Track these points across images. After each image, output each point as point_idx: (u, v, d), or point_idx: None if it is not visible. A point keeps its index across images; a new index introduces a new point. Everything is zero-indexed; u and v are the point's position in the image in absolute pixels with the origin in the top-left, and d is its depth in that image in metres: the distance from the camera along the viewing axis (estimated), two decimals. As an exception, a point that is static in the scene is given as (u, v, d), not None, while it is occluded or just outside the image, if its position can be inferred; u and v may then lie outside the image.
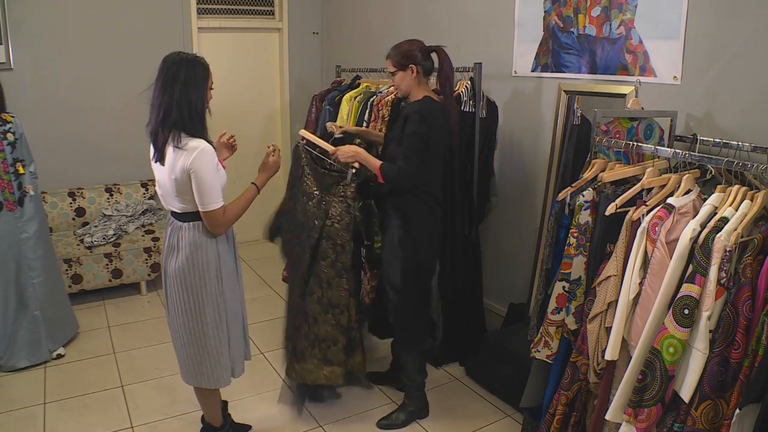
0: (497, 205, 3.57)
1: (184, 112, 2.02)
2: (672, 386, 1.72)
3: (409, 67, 2.47)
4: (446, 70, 2.51)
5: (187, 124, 2.03)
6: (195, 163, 2.00)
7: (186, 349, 2.25)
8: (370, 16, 4.64)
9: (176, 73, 2.02)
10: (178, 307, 2.20)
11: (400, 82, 2.52)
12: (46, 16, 4.09)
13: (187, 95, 2.02)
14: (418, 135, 2.41)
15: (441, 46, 2.52)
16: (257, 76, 5.18)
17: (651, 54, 2.65)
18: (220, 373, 2.28)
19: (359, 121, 3.70)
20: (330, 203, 2.53)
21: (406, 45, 2.51)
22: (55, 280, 3.34)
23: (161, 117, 2.03)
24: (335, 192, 2.56)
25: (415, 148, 2.41)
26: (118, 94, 4.34)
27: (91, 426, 2.69)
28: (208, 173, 2.03)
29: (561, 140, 3.04)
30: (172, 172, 2.05)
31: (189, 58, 2.07)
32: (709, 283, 1.66)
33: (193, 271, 2.15)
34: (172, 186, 2.08)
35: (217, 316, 2.21)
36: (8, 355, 3.10)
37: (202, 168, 2.02)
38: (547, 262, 2.29)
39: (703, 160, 1.97)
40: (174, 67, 2.03)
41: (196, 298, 2.17)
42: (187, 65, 2.04)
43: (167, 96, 2.02)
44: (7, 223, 2.99)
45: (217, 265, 2.19)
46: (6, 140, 2.95)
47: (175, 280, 2.17)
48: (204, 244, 2.15)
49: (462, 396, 2.99)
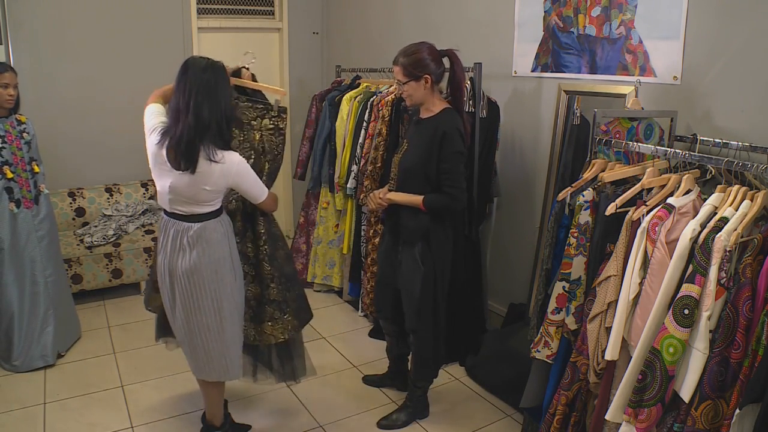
0: (497, 205, 3.57)
1: (222, 125, 2.04)
2: (672, 386, 1.72)
3: (423, 78, 2.38)
4: (459, 75, 2.45)
5: (224, 136, 2.08)
6: (240, 177, 2.12)
7: (205, 345, 2.27)
8: (370, 16, 4.64)
9: (209, 82, 2.01)
10: (194, 304, 2.21)
11: (412, 93, 2.41)
12: (46, 16, 4.09)
13: (224, 107, 2.05)
14: (461, 154, 2.40)
15: (453, 50, 2.45)
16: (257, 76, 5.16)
17: (651, 54, 2.65)
18: (239, 364, 2.38)
19: (359, 120, 3.70)
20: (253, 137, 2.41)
21: (418, 53, 2.37)
22: (64, 280, 3.39)
23: (199, 128, 2.00)
24: (261, 126, 2.43)
25: (460, 169, 2.40)
26: (118, 94, 4.34)
27: (91, 426, 2.69)
28: (252, 177, 2.18)
29: (561, 140, 3.04)
30: (203, 183, 2.07)
31: (218, 65, 2.08)
32: (709, 283, 1.66)
33: (210, 267, 2.18)
34: (196, 194, 2.10)
35: (233, 309, 2.28)
36: (24, 357, 3.12)
37: (246, 176, 2.15)
38: (547, 262, 2.29)
39: (703, 160, 1.97)
40: (206, 76, 2.02)
41: (214, 294, 2.20)
42: (217, 73, 2.05)
43: (206, 107, 2.00)
44: (24, 221, 3.03)
45: (231, 259, 2.25)
46: (23, 139, 3.01)
47: (189, 279, 2.18)
48: (217, 240, 2.19)
49: (462, 396, 2.99)
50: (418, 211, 2.45)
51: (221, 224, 2.22)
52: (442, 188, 2.40)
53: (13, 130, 2.96)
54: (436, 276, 2.53)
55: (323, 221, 4.08)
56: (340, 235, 4.01)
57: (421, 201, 2.42)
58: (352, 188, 3.72)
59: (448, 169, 2.38)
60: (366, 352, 3.38)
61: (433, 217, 2.46)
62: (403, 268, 2.55)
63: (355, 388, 3.03)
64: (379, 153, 3.41)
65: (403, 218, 2.51)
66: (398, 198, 2.50)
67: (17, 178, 2.97)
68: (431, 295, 2.54)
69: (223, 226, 2.23)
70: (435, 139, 2.38)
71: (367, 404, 2.89)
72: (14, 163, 2.96)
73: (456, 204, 2.42)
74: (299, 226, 4.38)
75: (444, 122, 2.40)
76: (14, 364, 3.10)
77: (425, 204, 2.41)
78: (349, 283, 3.94)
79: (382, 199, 2.54)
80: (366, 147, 3.59)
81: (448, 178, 2.39)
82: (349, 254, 3.90)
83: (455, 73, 2.46)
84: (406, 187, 2.50)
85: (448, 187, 2.39)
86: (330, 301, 4.11)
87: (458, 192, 2.40)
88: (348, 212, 3.88)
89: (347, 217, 3.89)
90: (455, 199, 2.40)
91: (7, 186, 2.94)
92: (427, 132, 2.43)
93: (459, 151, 2.39)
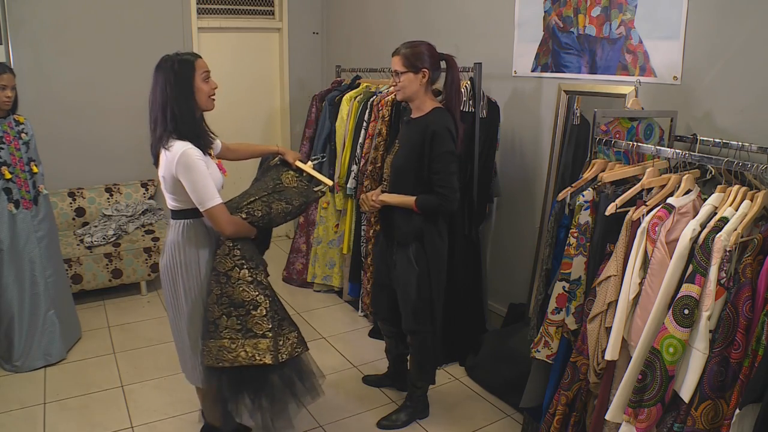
0: (497, 205, 3.57)
1: (167, 115, 2.04)
2: (672, 386, 1.72)
3: (421, 70, 2.37)
4: (456, 80, 2.45)
5: (169, 126, 2.05)
6: (179, 167, 2.02)
7: (176, 345, 2.30)
8: (370, 16, 4.64)
9: (156, 78, 2.06)
10: (169, 305, 2.25)
11: (407, 84, 2.40)
12: (47, 16, 4.09)
13: (166, 98, 2.04)
14: (452, 154, 2.38)
15: (451, 55, 2.45)
16: (257, 76, 5.18)
17: (651, 54, 2.65)
18: (193, 373, 2.27)
19: (359, 120, 3.70)
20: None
21: (420, 46, 2.39)
22: (65, 280, 3.39)
23: (151, 124, 2.08)
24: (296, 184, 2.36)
25: (452, 169, 2.38)
26: (118, 94, 4.34)
27: (91, 426, 2.69)
28: (195, 173, 2.02)
29: (561, 140, 3.04)
30: (160, 170, 2.10)
31: (168, 59, 2.07)
32: (709, 283, 1.66)
33: (174, 269, 2.18)
34: (164, 184, 2.13)
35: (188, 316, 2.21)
36: (25, 357, 3.12)
37: (187, 170, 2.01)
38: (547, 262, 2.29)
39: (703, 160, 1.97)
40: (155, 73, 2.07)
41: (174, 295, 2.21)
42: (166, 68, 2.05)
43: (151, 102, 2.07)
44: (24, 221, 3.03)
45: (197, 267, 2.17)
46: (21, 140, 3.01)
47: (164, 278, 2.22)
48: (183, 244, 2.15)
49: (462, 396, 2.99)
50: (412, 212, 2.45)
51: (190, 228, 2.15)
52: (434, 189, 2.40)
53: (11, 131, 2.96)
54: (431, 276, 2.53)
55: (323, 221, 4.08)
56: (340, 235, 4.01)
57: (413, 202, 2.41)
58: (352, 188, 3.72)
59: (439, 170, 2.38)
60: (366, 352, 3.38)
61: (426, 217, 2.46)
62: (398, 269, 2.55)
63: (355, 388, 3.03)
64: (379, 153, 3.41)
65: (397, 219, 2.51)
66: (391, 199, 2.49)
67: (15, 179, 2.97)
68: (427, 295, 2.54)
69: (190, 230, 2.15)
70: (425, 139, 2.38)
71: (367, 404, 2.89)
72: (12, 164, 2.96)
73: (448, 204, 2.41)
74: (299, 226, 4.38)
75: (433, 122, 2.39)
76: (15, 365, 3.11)
77: (418, 205, 2.41)
78: (349, 283, 3.94)
79: (375, 201, 2.53)
80: (366, 147, 3.59)
81: (439, 178, 2.38)
82: (349, 254, 3.90)
83: (453, 78, 2.45)
84: (398, 187, 2.50)
85: (439, 187, 2.38)
86: (330, 301, 4.11)
87: (450, 192, 2.39)
88: (348, 212, 3.88)
89: (347, 217, 3.89)
90: (447, 199, 2.39)
91: (6, 187, 2.94)
92: (417, 132, 2.43)
93: (449, 150, 2.37)
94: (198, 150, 2.05)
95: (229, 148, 2.45)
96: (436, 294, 2.57)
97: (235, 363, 2.08)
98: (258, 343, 2.09)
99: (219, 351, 2.09)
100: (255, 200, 2.21)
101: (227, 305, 2.10)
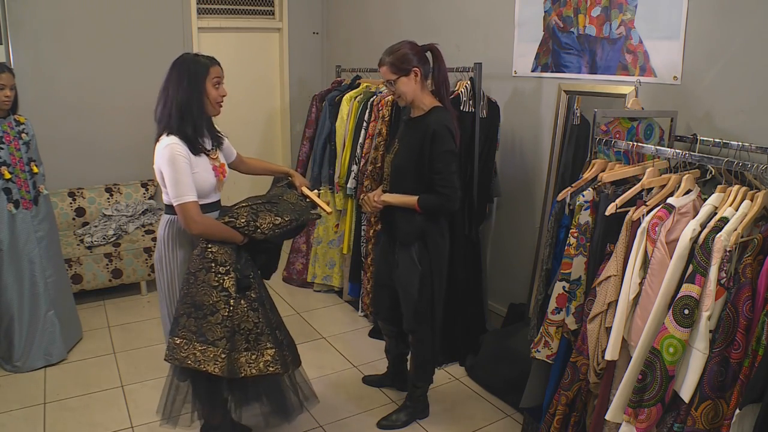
0: (498, 205, 3.57)
1: (170, 111, 2.08)
2: (672, 386, 1.72)
3: (411, 71, 2.36)
4: (443, 70, 2.45)
5: (169, 122, 2.08)
6: (162, 160, 2.06)
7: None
8: (370, 16, 4.64)
9: (170, 73, 2.11)
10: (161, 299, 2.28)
11: (404, 89, 2.39)
12: (47, 16, 4.09)
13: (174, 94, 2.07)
14: (452, 153, 2.37)
15: (434, 44, 2.43)
16: (257, 76, 5.18)
17: (651, 54, 2.65)
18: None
19: (359, 120, 3.71)
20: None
21: (401, 49, 2.37)
22: (65, 281, 3.39)
23: (156, 116, 2.12)
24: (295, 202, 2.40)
25: (452, 168, 2.37)
26: (118, 94, 4.34)
27: (91, 426, 2.69)
28: (174, 168, 2.04)
29: (561, 140, 3.04)
30: (155, 164, 2.13)
31: (185, 57, 2.13)
32: (709, 283, 1.66)
33: (161, 263, 2.22)
34: (158, 177, 2.16)
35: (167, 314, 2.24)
36: (25, 357, 3.12)
37: (167, 164, 2.05)
38: (547, 262, 2.29)
39: (703, 160, 1.97)
40: (170, 68, 2.12)
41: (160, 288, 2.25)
42: (181, 65, 2.10)
43: (160, 94, 2.12)
44: (23, 222, 3.02)
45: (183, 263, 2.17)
46: (21, 140, 3.01)
47: (157, 272, 2.26)
48: (169, 239, 2.18)
49: (462, 396, 2.99)
50: (414, 212, 2.45)
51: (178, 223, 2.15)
52: (436, 188, 2.39)
53: (11, 131, 2.96)
54: (434, 276, 2.53)
55: (323, 221, 4.08)
56: (340, 235, 4.01)
57: (415, 202, 2.41)
58: (352, 188, 3.72)
59: (440, 169, 2.37)
60: (366, 352, 3.38)
61: (428, 217, 2.46)
62: (401, 268, 2.54)
63: (355, 388, 3.03)
64: (379, 153, 3.41)
65: (399, 219, 2.50)
66: (393, 200, 2.49)
67: (15, 179, 2.97)
68: (429, 295, 2.54)
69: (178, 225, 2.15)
70: (425, 139, 2.37)
71: (367, 404, 2.89)
72: (12, 164, 2.95)
73: (450, 204, 2.41)
74: (299, 226, 4.38)
75: (433, 121, 2.38)
76: (16, 365, 3.11)
77: (420, 205, 2.41)
78: (349, 283, 3.94)
79: (377, 202, 2.53)
80: (366, 147, 3.59)
81: (441, 178, 2.37)
82: (349, 254, 3.90)
83: (440, 69, 2.45)
84: (398, 187, 2.50)
85: (441, 187, 2.38)
86: (330, 301, 4.11)
87: (451, 191, 2.39)
88: (348, 212, 3.88)
89: (347, 217, 3.89)
90: (449, 198, 2.39)
91: (5, 187, 2.94)
92: (417, 131, 2.42)
93: (449, 149, 2.37)
94: (185, 147, 2.07)
95: (243, 161, 2.49)
96: (438, 294, 2.57)
97: (183, 364, 2.08)
98: (206, 350, 2.06)
99: (174, 348, 2.09)
100: (244, 207, 2.22)
101: (189, 305, 2.10)
